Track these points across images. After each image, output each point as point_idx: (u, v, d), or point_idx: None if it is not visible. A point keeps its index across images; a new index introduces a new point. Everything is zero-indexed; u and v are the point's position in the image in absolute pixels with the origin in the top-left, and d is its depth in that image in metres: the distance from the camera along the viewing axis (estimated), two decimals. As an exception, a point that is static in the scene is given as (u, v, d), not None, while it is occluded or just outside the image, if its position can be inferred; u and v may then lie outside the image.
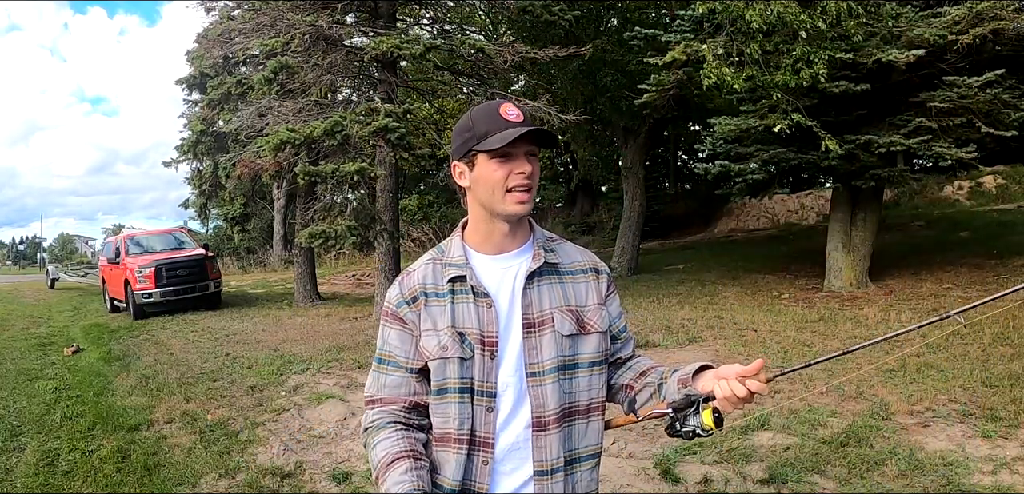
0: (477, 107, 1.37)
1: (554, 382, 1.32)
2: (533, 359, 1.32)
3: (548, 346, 1.32)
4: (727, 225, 20.53)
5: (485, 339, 1.31)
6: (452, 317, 1.32)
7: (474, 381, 1.31)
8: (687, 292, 10.37)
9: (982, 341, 5.90)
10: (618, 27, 12.84)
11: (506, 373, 1.32)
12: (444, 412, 1.33)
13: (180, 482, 4.20)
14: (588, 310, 1.38)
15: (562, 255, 1.42)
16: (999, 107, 7.82)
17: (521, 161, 1.30)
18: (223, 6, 13.08)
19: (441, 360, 1.31)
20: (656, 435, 4.40)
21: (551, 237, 1.44)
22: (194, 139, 16.04)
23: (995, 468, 3.58)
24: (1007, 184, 16.86)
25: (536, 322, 1.33)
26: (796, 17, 7.27)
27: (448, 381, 1.32)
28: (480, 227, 1.37)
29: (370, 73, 10.55)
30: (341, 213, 9.54)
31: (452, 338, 1.31)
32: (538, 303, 1.34)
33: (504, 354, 1.32)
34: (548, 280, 1.37)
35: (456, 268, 1.35)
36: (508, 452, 1.33)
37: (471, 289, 1.33)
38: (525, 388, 1.32)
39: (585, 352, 1.37)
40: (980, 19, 7.46)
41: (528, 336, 1.33)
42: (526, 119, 1.31)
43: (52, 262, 32.01)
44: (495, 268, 1.36)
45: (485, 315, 1.32)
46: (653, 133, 14.66)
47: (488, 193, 1.31)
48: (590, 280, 1.42)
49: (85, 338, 10.22)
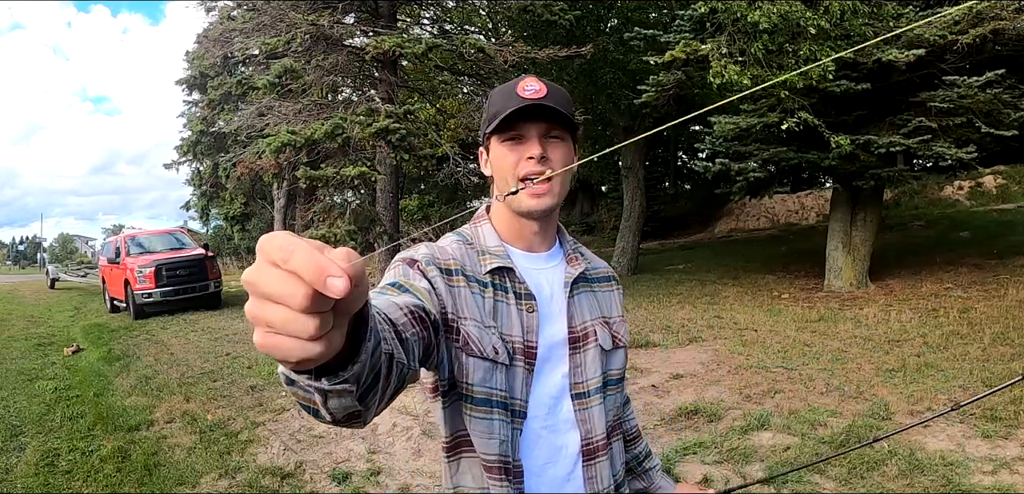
0: (500, 85, 1.20)
1: (600, 404, 1.16)
2: (578, 378, 1.15)
3: (593, 363, 1.16)
4: (727, 225, 20.53)
5: (525, 348, 1.10)
6: (495, 315, 1.09)
7: (513, 397, 1.09)
8: (687, 292, 10.37)
9: (982, 341, 5.90)
10: (618, 27, 12.85)
11: (543, 392, 1.12)
12: (488, 430, 1.07)
13: (180, 482, 4.20)
14: (615, 322, 1.24)
15: (589, 261, 1.26)
16: (999, 107, 7.82)
17: (532, 142, 1.10)
18: (223, 6, 13.09)
19: (491, 364, 1.07)
20: (656, 435, 4.40)
21: (574, 242, 1.28)
22: (194, 139, 16.06)
23: (995, 468, 3.58)
24: (1007, 184, 16.85)
25: (581, 336, 1.16)
26: (802, 15, 7.28)
27: (494, 393, 1.07)
28: (508, 220, 1.17)
29: (371, 73, 10.56)
30: (341, 215, 9.55)
31: (500, 341, 1.08)
32: (580, 314, 1.18)
33: (543, 370, 1.12)
34: (585, 289, 1.21)
35: (498, 258, 1.13)
36: (553, 486, 1.13)
37: (513, 287, 1.12)
38: (572, 412, 1.13)
39: (614, 368, 1.21)
40: (980, 19, 7.47)
41: (574, 352, 1.15)
42: (549, 94, 1.11)
43: (52, 262, 32.02)
44: (532, 268, 1.16)
45: (527, 321, 1.11)
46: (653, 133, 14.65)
47: (502, 183, 1.13)
48: (613, 290, 1.28)
49: (85, 338, 10.22)
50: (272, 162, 9.62)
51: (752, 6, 7.40)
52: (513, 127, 1.10)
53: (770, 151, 9.00)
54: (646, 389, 5.42)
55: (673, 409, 4.86)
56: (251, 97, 11.14)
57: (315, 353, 0.53)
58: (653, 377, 5.74)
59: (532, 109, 1.08)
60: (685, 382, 5.55)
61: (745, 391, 5.13)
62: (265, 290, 0.52)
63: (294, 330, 0.52)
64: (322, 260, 0.51)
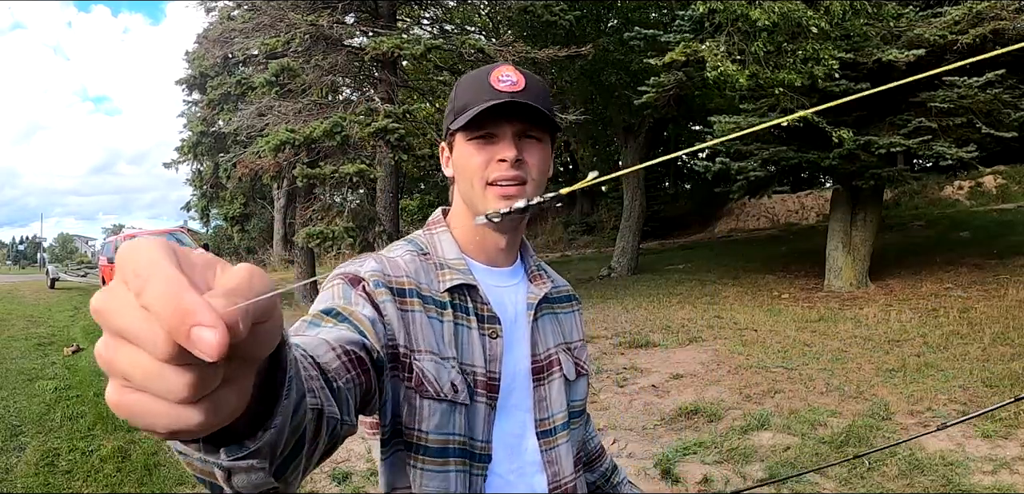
0: (468, 72, 1.02)
1: (567, 441, 1.01)
2: (543, 413, 0.99)
3: (558, 396, 1.01)
4: (727, 225, 20.53)
5: (488, 382, 0.94)
6: (456, 342, 0.92)
7: (474, 441, 0.92)
8: (687, 292, 10.37)
9: (982, 341, 5.90)
10: (619, 27, 12.86)
11: (505, 431, 0.96)
12: (442, 485, 0.90)
13: (180, 482, 4.20)
14: (577, 347, 1.09)
15: (553, 281, 1.10)
16: (999, 107, 7.83)
17: (506, 143, 0.93)
18: (223, 6, 13.10)
19: (450, 405, 0.89)
20: (656, 435, 4.40)
21: (536, 257, 1.12)
22: (194, 140, 16.07)
23: (995, 468, 3.58)
24: (1007, 184, 16.85)
25: (544, 365, 1.01)
26: (804, 14, 7.29)
27: (452, 440, 0.90)
28: (469, 228, 1.00)
29: (370, 73, 10.56)
30: (339, 214, 9.56)
31: (460, 375, 0.91)
32: (544, 340, 1.02)
33: (506, 405, 0.96)
34: (547, 312, 1.05)
35: (459, 274, 0.96)
36: None
37: (476, 309, 0.96)
38: (538, 452, 0.98)
39: (578, 399, 1.06)
40: (980, 19, 7.47)
41: (538, 384, 0.99)
42: (527, 89, 0.95)
43: (52, 262, 32.03)
44: (495, 286, 1.00)
45: (491, 348, 0.95)
46: (653, 133, 14.66)
47: (467, 186, 0.96)
48: (573, 310, 1.13)
49: (85, 338, 10.22)
50: (271, 161, 9.63)
51: (752, 4, 7.41)
52: (484, 124, 0.93)
53: (770, 150, 9.00)
54: (646, 389, 5.42)
55: (673, 409, 4.86)
56: (251, 97, 11.15)
57: (193, 423, 0.36)
58: (653, 377, 5.74)
59: (508, 106, 0.92)
60: (685, 382, 5.55)
61: (745, 391, 5.13)
62: (117, 324, 0.35)
63: (158, 389, 0.35)
64: (187, 300, 0.33)
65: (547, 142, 0.98)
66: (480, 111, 0.91)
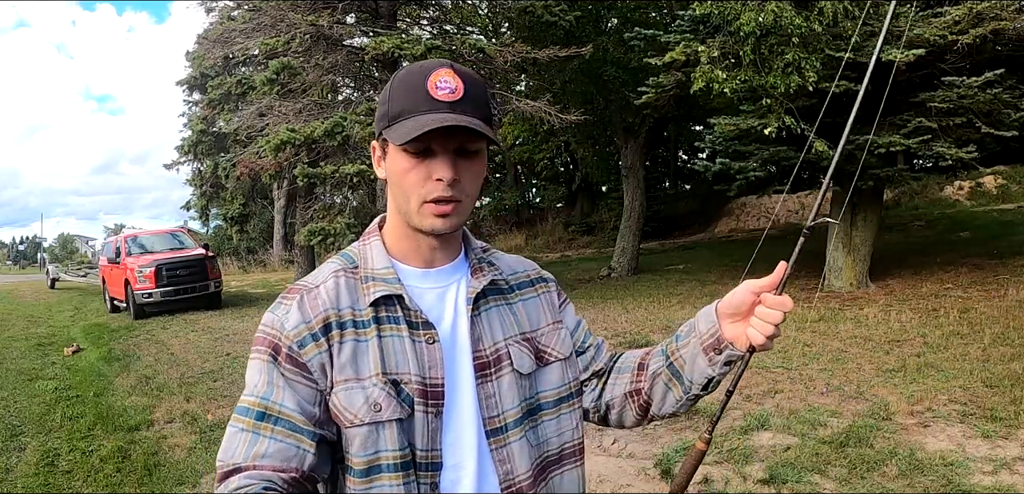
0: (404, 69, 0.97)
1: (521, 438, 0.98)
2: (492, 412, 0.97)
3: (508, 392, 0.98)
4: (727, 225, 20.53)
5: (428, 389, 0.93)
6: (381, 357, 0.92)
7: (415, 451, 0.92)
8: (687, 292, 10.37)
9: (982, 341, 5.90)
10: (618, 27, 12.86)
11: (455, 435, 0.95)
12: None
13: (180, 482, 4.20)
14: (543, 334, 1.05)
15: (503, 267, 1.07)
16: (999, 107, 7.82)
17: (443, 163, 0.91)
18: (223, 6, 13.11)
19: (372, 426, 0.90)
20: (656, 435, 4.40)
21: (484, 246, 1.09)
22: (194, 140, 16.09)
23: (995, 468, 3.58)
24: (1007, 184, 16.85)
25: (491, 361, 0.98)
26: (791, 21, 7.29)
27: (383, 456, 0.90)
28: (401, 234, 0.99)
29: (371, 73, 10.57)
30: (340, 212, 9.57)
31: (385, 390, 0.91)
32: (490, 335, 0.99)
33: (452, 409, 0.95)
34: (495, 303, 1.02)
35: (383, 284, 0.95)
36: None
37: (405, 316, 0.95)
38: (487, 453, 0.96)
39: (547, 389, 1.03)
40: (980, 19, 7.47)
41: (483, 381, 0.97)
42: (467, 95, 0.91)
43: (52, 262, 32.04)
44: (427, 288, 0.99)
45: (426, 354, 0.94)
46: (653, 133, 14.66)
47: (402, 199, 0.94)
48: (539, 294, 1.09)
49: (85, 338, 10.22)
50: (272, 161, 9.64)
51: (745, 6, 7.42)
52: (421, 139, 0.89)
53: (770, 151, 9.00)
54: (646, 389, 5.42)
55: (673, 409, 4.85)
56: (251, 97, 11.16)
57: None
58: (653, 377, 5.73)
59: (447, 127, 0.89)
60: (685, 382, 5.54)
61: (745, 391, 5.13)
62: None
63: None
64: None
65: (483, 150, 0.97)
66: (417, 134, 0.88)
